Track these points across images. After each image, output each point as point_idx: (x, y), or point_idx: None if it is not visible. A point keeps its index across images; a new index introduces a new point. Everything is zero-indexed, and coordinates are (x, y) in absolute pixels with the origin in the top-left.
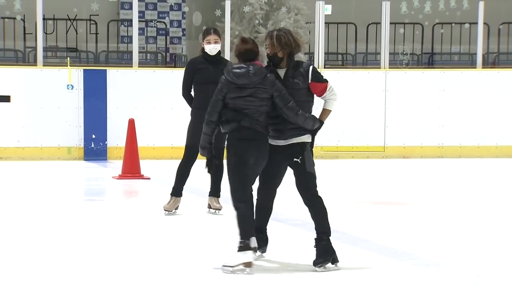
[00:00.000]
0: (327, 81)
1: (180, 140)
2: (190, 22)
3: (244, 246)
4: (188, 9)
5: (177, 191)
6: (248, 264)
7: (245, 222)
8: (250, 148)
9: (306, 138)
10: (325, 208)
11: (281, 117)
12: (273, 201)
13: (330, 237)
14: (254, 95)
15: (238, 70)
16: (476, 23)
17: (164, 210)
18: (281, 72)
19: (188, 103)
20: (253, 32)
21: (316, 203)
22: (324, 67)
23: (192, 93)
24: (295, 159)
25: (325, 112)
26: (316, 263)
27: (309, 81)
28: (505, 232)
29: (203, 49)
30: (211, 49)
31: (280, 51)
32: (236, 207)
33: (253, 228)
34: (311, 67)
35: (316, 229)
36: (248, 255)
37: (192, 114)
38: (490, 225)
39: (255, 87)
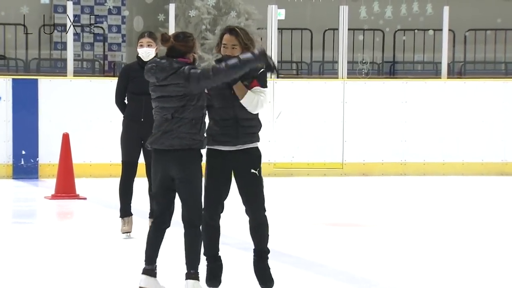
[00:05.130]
0: (266, 88)
1: (119, 156)
2: (131, 27)
3: None
4: (128, 13)
5: (126, 212)
6: None
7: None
8: None
9: (258, 144)
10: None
11: (233, 119)
12: (219, 220)
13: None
14: None
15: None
16: (441, 29)
17: (123, 233)
18: None
19: (121, 111)
20: (200, 38)
21: (266, 221)
22: (277, 77)
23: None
24: (252, 170)
25: (242, 88)
26: (270, 286)
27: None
28: (469, 256)
29: (138, 53)
30: (143, 53)
31: (242, 51)
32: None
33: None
34: (262, 70)
35: (260, 249)
36: None
37: (123, 124)
38: (454, 248)
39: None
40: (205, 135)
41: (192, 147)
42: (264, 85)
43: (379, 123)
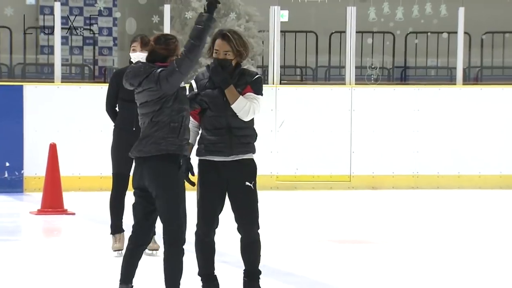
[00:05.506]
0: (261, 95)
1: (110, 168)
2: (123, 30)
3: None
4: (120, 15)
5: (117, 228)
6: None
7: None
8: None
9: (254, 156)
10: None
11: (226, 128)
12: (214, 236)
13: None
14: None
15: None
16: (456, 32)
17: (115, 250)
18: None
19: (112, 120)
20: None
21: (259, 239)
22: (280, 83)
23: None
24: (247, 183)
25: (233, 93)
26: None
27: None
28: (485, 275)
29: (130, 58)
30: (136, 58)
31: (235, 57)
32: None
33: None
34: (258, 75)
35: (252, 270)
36: None
37: (114, 133)
38: (469, 267)
39: None
40: (187, 140)
41: (170, 152)
42: (258, 92)
43: (390, 132)
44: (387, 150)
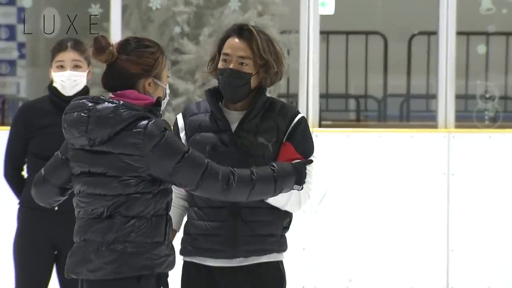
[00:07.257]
0: (312, 160)
1: (12, 279)
2: (37, 29)
3: None
4: (32, 4)
5: None
6: None
7: None
8: None
9: (282, 256)
10: None
11: (230, 208)
12: None
13: None
14: None
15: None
16: None
17: None
18: (235, 117)
19: (16, 192)
20: (171, 51)
21: None
22: (320, 125)
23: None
24: None
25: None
26: None
27: (285, 140)
28: None
29: (52, 82)
30: (65, 80)
31: (257, 73)
32: None
33: None
34: (299, 116)
35: None
36: None
37: (20, 217)
38: None
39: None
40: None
41: (144, 272)
42: (307, 151)
43: None
44: None
